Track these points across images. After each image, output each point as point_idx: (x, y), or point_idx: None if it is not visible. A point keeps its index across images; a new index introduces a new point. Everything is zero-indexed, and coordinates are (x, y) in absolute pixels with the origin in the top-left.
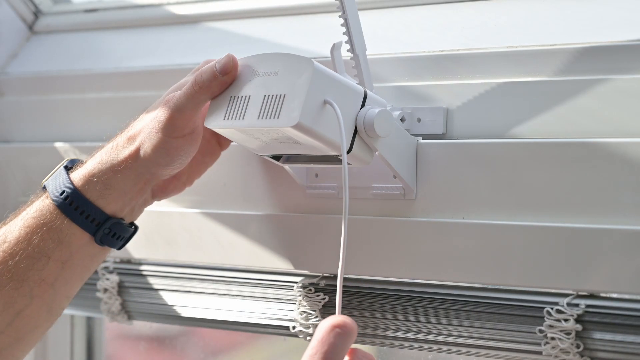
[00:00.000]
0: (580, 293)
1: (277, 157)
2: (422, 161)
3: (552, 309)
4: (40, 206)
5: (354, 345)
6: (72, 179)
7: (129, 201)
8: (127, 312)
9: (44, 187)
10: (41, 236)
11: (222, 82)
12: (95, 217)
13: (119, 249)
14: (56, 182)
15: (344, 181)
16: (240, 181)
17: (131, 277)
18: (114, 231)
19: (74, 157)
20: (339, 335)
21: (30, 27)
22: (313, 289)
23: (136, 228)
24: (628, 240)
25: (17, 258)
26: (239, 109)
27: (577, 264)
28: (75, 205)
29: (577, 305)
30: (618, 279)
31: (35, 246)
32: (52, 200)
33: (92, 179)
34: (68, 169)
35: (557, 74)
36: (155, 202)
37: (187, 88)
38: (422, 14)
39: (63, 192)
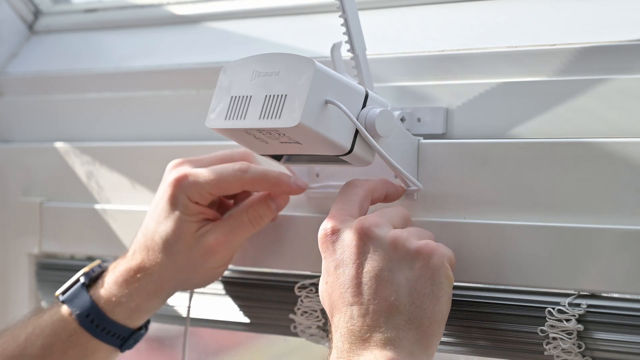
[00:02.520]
0: (581, 293)
1: (277, 157)
2: (422, 161)
3: (553, 309)
4: (60, 322)
5: None
6: (95, 300)
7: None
8: None
9: (61, 300)
10: (63, 350)
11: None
12: (122, 334)
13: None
14: (79, 300)
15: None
16: None
17: None
18: (136, 339)
19: (74, 156)
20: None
21: (30, 27)
22: (313, 289)
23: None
24: (629, 240)
25: None
26: (240, 109)
27: (578, 264)
28: (102, 327)
29: (578, 305)
30: (619, 279)
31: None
32: (76, 319)
33: (121, 301)
34: (86, 285)
35: (557, 74)
36: (150, 203)
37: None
38: (422, 14)
39: (89, 314)
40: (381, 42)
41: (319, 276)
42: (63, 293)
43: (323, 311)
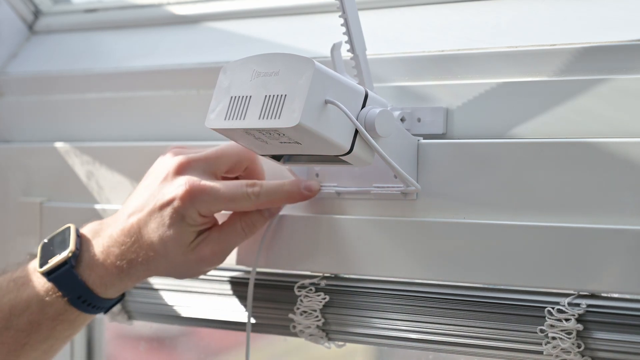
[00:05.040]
0: (581, 293)
1: (277, 157)
2: (422, 161)
3: (553, 308)
4: (47, 300)
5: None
6: (87, 283)
7: None
8: (127, 312)
9: (47, 277)
10: (52, 327)
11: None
12: (110, 305)
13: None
14: (69, 283)
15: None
16: None
17: None
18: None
19: (74, 156)
20: None
21: (30, 27)
22: (313, 289)
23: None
24: (629, 240)
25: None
26: (239, 109)
27: (578, 263)
28: (93, 305)
29: (578, 304)
30: (619, 279)
31: (41, 330)
32: (68, 302)
33: (114, 284)
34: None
35: (557, 74)
36: None
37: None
38: (422, 14)
39: (80, 296)
40: (381, 42)
41: (319, 276)
42: (48, 273)
43: (322, 311)
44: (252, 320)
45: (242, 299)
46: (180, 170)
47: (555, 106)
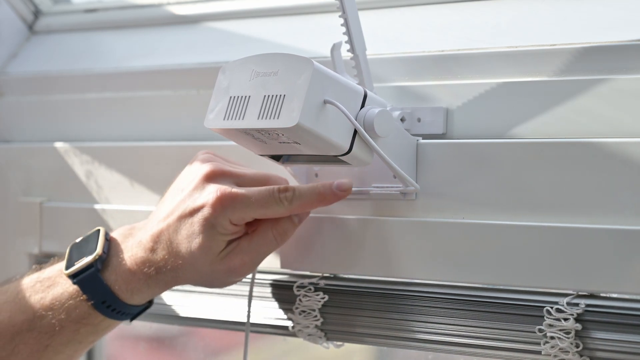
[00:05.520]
0: (580, 293)
1: (277, 158)
2: (422, 161)
3: (551, 308)
4: (72, 303)
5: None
6: (112, 288)
7: None
8: None
9: (72, 279)
10: (75, 330)
11: None
12: (135, 312)
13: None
14: (94, 287)
15: None
16: None
17: None
18: (147, 310)
19: (74, 156)
20: None
21: (30, 27)
22: (313, 289)
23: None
24: (628, 240)
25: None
26: (238, 109)
27: (577, 263)
28: (117, 311)
29: (577, 304)
30: (618, 279)
31: (67, 334)
32: (92, 306)
33: (140, 290)
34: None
35: (557, 74)
36: (150, 203)
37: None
38: (422, 14)
39: (105, 301)
40: (381, 42)
41: (319, 276)
42: (74, 275)
43: (321, 311)
44: (252, 320)
45: (242, 298)
46: (212, 178)
47: (555, 106)
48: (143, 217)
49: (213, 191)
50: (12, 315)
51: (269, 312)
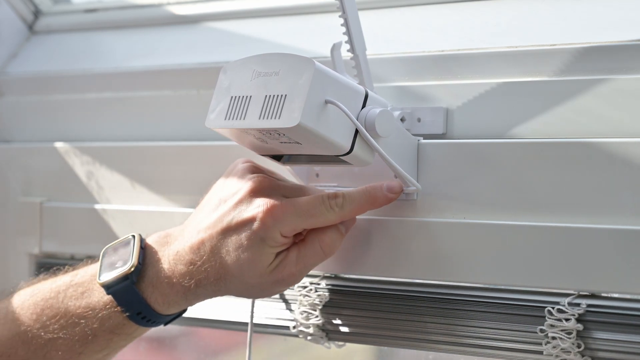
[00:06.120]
0: (581, 293)
1: (277, 157)
2: (422, 161)
3: (553, 308)
4: (105, 313)
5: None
6: (148, 301)
7: None
8: None
9: (106, 290)
10: (108, 339)
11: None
12: (168, 320)
13: None
14: (129, 299)
15: None
16: None
17: None
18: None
19: (74, 156)
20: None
21: (30, 27)
22: (313, 289)
23: None
24: (628, 240)
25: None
26: (240, 109)
27: (578, 263)
28: (152, 321)
29: (578, 304)
30: (619, 279)
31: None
32: (127, 317)
33: (177, 302)
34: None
35: (557, 74)
36: (158, 203)
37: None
38: (422, 14)
39: (140, 312)
40: (381, 42)
41: (319, 276)
42: (108, 287)
43: (322, 311)
44: (252, 320)
45: (242, 298)
46: (259, 191)
47: (555, 106)
48: (144, 217)
49: (262, 204)
50: (44, 320)
51: (270, 312)
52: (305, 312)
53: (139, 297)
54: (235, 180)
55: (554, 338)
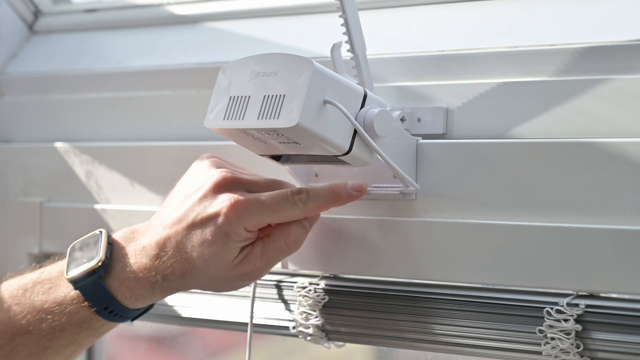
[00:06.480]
0: (580, 293)
1: (277, 158)
2: (422, 161)
3: (552, 309)
4: (72, 308)
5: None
6: (115, 295)
7: None
8: None
9: (74, 285)
10: (75, 333)
11: None
12: (137, 314)
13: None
14: (96, 294)
15: None
16: None
17: None
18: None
19: (74, 156)
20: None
21: (30, 27)
22: (313, 289)
23: None
24: (628, 240)
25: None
26: (238, 109)
27: (577, 264)
28: (120, 315)
29: (577, 305)
30: (618, 279)
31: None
32: (95, 312)
33: (145, 296)
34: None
35: (557, 74)
36: (158, 203)
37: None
38: (422, 14)
39: (107, 307)
40: (381, 42)
41: (319, 276)
42: (75, 281)
43: (322, 311)
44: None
45: (242, 299)
46: (223, 186)
47: (555, 106)
48: (143, 217)
49: (226, 199)
50: (11, 316)
51: (269, 312)
52: (304, 312)
53: (106, 292)
54: (200, 176)
55: (552, 338)
